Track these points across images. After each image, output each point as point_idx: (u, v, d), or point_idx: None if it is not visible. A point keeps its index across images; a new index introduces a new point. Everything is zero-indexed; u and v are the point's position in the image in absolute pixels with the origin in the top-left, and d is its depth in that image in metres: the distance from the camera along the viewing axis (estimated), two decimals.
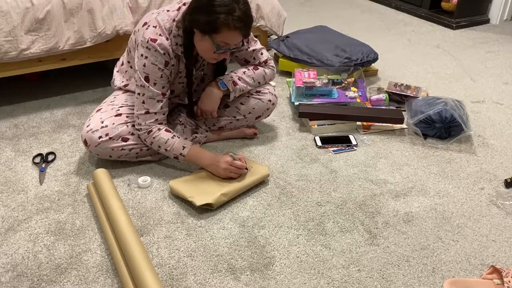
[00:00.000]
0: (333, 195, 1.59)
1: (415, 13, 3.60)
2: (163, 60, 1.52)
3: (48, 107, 2.17)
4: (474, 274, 1.29)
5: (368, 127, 2.00)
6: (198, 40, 1.51)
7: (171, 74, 1.59)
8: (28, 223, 1.45)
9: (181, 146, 1.58)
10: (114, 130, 1.61)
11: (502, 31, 3.29)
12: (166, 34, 1.51)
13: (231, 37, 1.46)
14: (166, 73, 1.56)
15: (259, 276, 1.27)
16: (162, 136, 1.58)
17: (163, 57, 1.52)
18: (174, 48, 1.54)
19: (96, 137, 1.60)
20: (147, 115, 1.58)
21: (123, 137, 1.62)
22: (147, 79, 1.54)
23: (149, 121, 1.58)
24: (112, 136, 1.61)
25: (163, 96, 1.58)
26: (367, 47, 2.45)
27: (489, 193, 1.61)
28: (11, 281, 1.25)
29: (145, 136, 1.60)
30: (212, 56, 1.53)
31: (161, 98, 1.58)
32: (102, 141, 1.60)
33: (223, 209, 1.53)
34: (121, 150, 1.64)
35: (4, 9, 1.83)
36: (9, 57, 1.89)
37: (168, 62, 1.54)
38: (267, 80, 1.81)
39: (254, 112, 1.84)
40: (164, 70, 1.54)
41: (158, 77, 1.54)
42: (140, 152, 1.67)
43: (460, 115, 1.86)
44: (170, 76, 1.59)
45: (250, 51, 1.74)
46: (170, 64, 1.55)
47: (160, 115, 1.60)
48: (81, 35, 1.99)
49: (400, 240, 1.40)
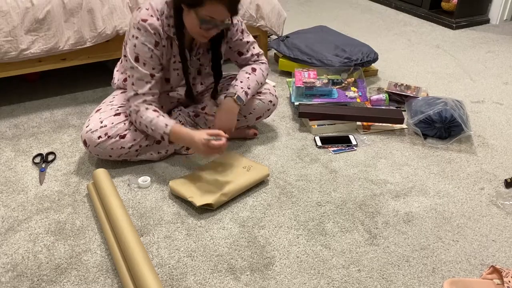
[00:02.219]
0: (333, 195, 1.59)
1: (415, 13, 3.60)
2: (153, 40, 1.53)
3: (48, 107, 2.17)
4: (474, 274, 1.29)
5: (368, 127, 2.00)
6: (185, 16, 1.52)
7: (162, 56, 1.59)
8: (28, 223, 1.46)
9: (164, 124, 1.55)
10: (112, 129, 1.62)
11: (502, 31, 3.29)
12: (157, 15, 1.53)
13: (215, 10, 1.45)
14: (156, 53, 1.56)
15: (259, 276, 1.27)
16: (149, 115, 1.57)
17: (153, 37, 1.53)
18: (166, 29, 1.55)
19: (95, 137, 1.60)
20: (136, 97, 1.58)
21: (120, 135, 1.62)
22: (137, 59, 1.55)
23: (137, 102, 1.58)
24: (110, 134, 1.61)
25: (152, 78, 1.58)
26: (367, 47, 2.45)
27: (489, 193, 1.61)
28: (11, 281, 1.25)
29: (134, 117, 1.60)
30: (199, 32, 1.51)
31: (150, 80, 1.57)
32: (101, 141, 1.60)
33: (223, 209, 1.53)
34: (121, 148, 1.64)
35: (4, 9, 1.83)
36: (9, 57, 1.89)
37: (159, 43, 1.55)
38: (266, 77, 1.82)
39: (255, 113, 1.84)
40: (154, 50, 1.55)
41: (147, 57, 1.55)
42: (139, 149, 1.67)
43: (460, 115, 1.86)
44: (162, 58, 1.59)
45: (244, 42, 1.74)
46: (161, 45, 1.56)
47: (148, 96, 1.59)
48: (81, 35, 1.99)
49: (400, 240, 1.40)
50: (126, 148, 1.64)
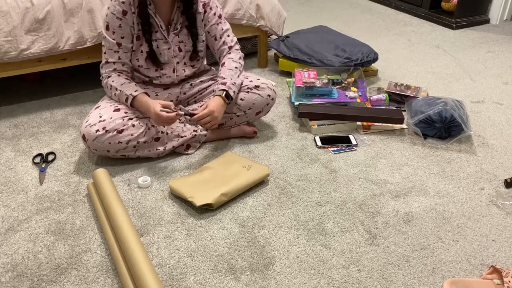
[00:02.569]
0: (333, 195, 1.59)
1: (415, 13, 3.60)
2: (121, 9, 1.64)
3: (48, 107, 2.17)
4: (474, 274, 1.29)
5: (368, 127, 2.00)
6: None
7: (133, 26, 1.67)
8: (28, 223, 1.46)
9: (134, 89, 1.67)
10: (110, 124, 1.62)
11: (502, 31, 3.29)
12: None
13: None
14: (125, 22, 1.66)
15: (259, 276, 1.27)
16: (120, 80, 1.70)
17: (121, 5, 1.64)
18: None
19: (93, 131, 1.60)
20: (107, 64, 1.72)
21: (118, 129, 1.62)
22: (107, 27, 1.67)
23: (108, 70, 1.72)
24: (108, 129, 1.61)
25: (119, 47, 1.69)
26: (367, 47, 2.45)
27: (489, 193, 1.61)
28: (11, 281, 1.25)
29: (105, 81, 1.72)
30: None
31: (117, 49, 1.69)
32: (99, 135, 1.60)
33: (223, 209, 1.53)
34: (118, 143, 1.63)
35: (4, 9, 1.83)
36: (9, 57, 1.89)
37: (127, 12, 1.65)
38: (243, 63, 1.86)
39: (254, 108, 1.84)
40: (122, 19, 1.65)
41: (116, 26, 1.66)
42: (137, 145, 1.67)
43: (460, 115, 1.86)
44: (133, 28, 1.68)
45: (220, 29, 1.81)
46: (130, 13, 1.65)
47: (118, 65, 1.72)
48: (81, 35, 1.99)
49: (400, 240, 1.40)
50: (123, 143, 1.64)
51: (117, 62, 1.71)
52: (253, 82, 1.82)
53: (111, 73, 1.71)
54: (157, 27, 1.70)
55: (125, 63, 1.72)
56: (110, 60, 1.70)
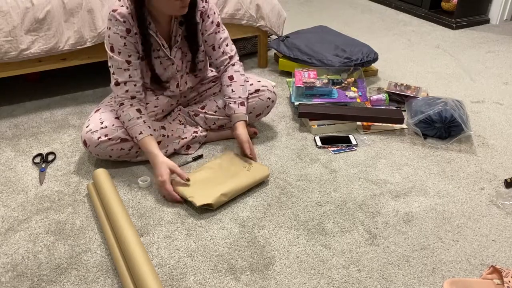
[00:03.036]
0: (333, 195, 1.59)
1: (415, 13, 3.60)
2: (124, 28, 1.57)
3: (48, 107, 2.17)
4: (474, 274, 1.29)
5: (368, 127, 2.00)
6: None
7: (137, 44, 1.61)
8: (28, 223, 1.46)
9: (139, 131, 1.58)
10: (113, 131, 1.61)
11: (502, 31, 3.29)
12: (126, 4, 1.56)
13: None
14: (129, 40, 1.59)
15: (259, 276, 1.27)
16: (129, 113, 1.60)
17: (123, 25, 1.56)
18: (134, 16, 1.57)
19: (95, 138, 1.60)
20: (117, 87, 1.62)
21: (122, 138, 1.62)
22: (112, 49, 1.59)
23: (120, 93, 1.62)
24: (111, 137, 1.61)
25: (129, 64, 1.60)
26: (367, 47, 2.45)
27: (489, 193, 1.61)
28: (11, 281, 1.25)
29: (117, 108, 1.63)
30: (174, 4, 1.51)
31: (127, 66, 1.60)
32: (101, 141, 1.60)
33: (223, 209, 1.52)
34: (121, 150, 1.64)
35: (4, 9, 1.83)
36: (9, 57, 1.89)
37: (130, 30, 1.58)
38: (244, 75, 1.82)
39: (254, 111, 1.84)
40: (127, 37, 1.58)
41: (121, 46, 1.58)
42: (139, 151, 1.67)
43: (460, 115, 1.86)
44: (137, 45, 1.61)
45: (218, 38, 1.75)
46: (133, 32, 1.58)
47: (130, 86, 1.62)
48: (81, 35, 1.99)
49: (400, 240, 1.40)
50: (126, 149, 1.65)
51: (129, 82, 1.61)
52: (253, 85, 1.82)
53: (124, 99, 1.61)
54: (159, 46, 1.66)
55: (136, 83, 1.63)
56: (121, 80, 1.60)
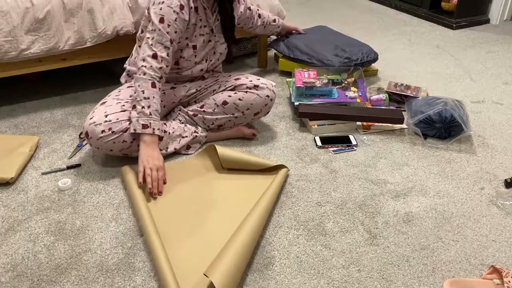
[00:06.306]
0: (333, 195, 1.59)
1: (415, 13, 3.60)
2: (178, 3, 1.59)
3: (48, 107, 2.17)
4: (474, 274, 1.29)
5: (368, 127, 2.00)
6: None
7: (186, 21, 1.64)
8: (28, 223, 1.46)
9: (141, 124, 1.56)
10: (117, 125, 1.60)
11: (502, 31, 3.29)
12: None
13: None
14: (181, 17, 1.61)
15: (259, 276, 1.27)
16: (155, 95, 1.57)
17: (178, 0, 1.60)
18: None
19: (98, 131, 1.58)
20: (155, 60, 1.58)
21: (123, 129, 1.60)
22: (161, 20, 1.58)
23: (155, 65, 1.58)
24: (115, 130, 1.60)
25: (171, 43, 1.60)
26: (367, 47, 2.45)
27: (489, 193, 1.61)
28: (11, 281, 1.25)
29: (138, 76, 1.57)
30: None
31: (169, 45, 1.60)
32: (104, 135, 1.59)
33: None
34: (123, 142, 1.62)
35: (4, 9, 1.83)
36: (9, 57, 1.89)
37: (184, 6, 1.61)
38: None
39: (253, 108, 1.83)
40: (179, 13, 1.60)
41: (172, 20, 1.59)
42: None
43: (460, 115, 1.86)
44: (188, 23, 1.65)
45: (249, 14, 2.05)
46: (187, 8, 1.62)
47: (164, 64, 1.60)
48: (81, 35, 1.99)
49: (400, 240, 1.40)
50: (128, 142, 1.63)
51: (165, 60, 1.59)
52: (252, 82, 1.82)
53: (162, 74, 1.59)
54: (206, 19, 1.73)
55: (169, 65, 1.62)
56: (160, 54, 1.58)
